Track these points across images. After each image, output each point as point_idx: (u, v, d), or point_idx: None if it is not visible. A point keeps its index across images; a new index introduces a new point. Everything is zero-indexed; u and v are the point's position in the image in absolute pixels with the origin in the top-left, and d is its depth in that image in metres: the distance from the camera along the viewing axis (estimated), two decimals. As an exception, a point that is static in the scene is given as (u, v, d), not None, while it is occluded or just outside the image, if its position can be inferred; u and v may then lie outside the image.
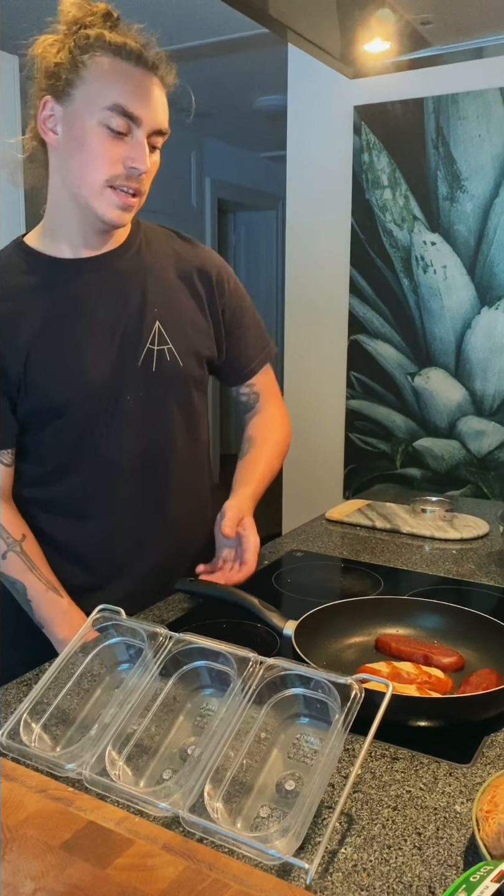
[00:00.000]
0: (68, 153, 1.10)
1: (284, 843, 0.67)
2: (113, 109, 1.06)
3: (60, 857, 0.64)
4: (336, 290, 3.05)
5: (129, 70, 1.07)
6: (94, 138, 1.07)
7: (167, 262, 1.27)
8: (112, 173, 1.09)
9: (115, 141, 1.08)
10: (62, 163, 1.12)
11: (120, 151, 1.08)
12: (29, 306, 1.15)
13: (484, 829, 0.66)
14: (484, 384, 2.84)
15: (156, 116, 1.10)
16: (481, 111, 2.66)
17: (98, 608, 0.91)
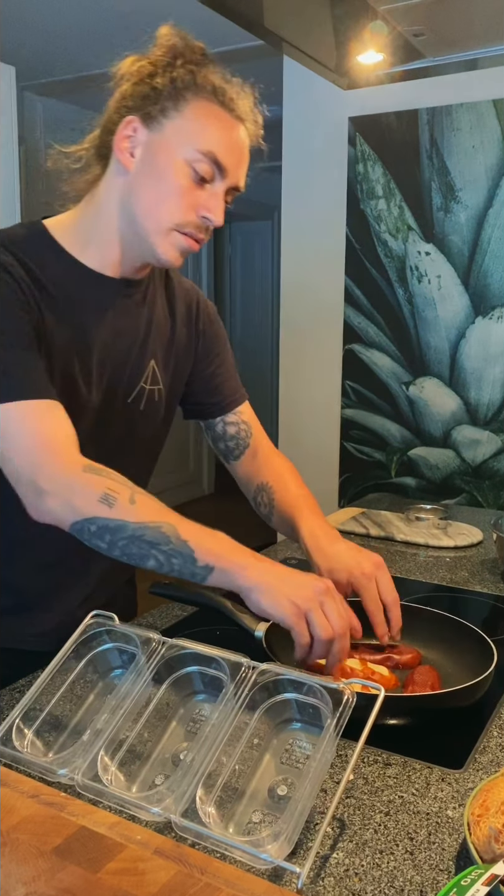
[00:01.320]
0: (141, 181, 1.04)
1: (276, 848, 0.67)
2: (205, 154, 1.02)
3: (52, 862, 0.64)
4: (331, 300, 3.07)
5: (228, 121, 1.04)
6: (177, 177, 1.02)
7: (160, 294, 1.22)
8: (186, 219, 1.04)
9: (196, 185, 1.03)
10: (130, 187, 1.05)
11: (198, 198, 1.03)
12: (48, 299, 1.04)
13: (475, 833, 0.66)
14: (478, 393, 2.85)
15: (240, 174, 1.07)
16: (475, 122, 2.68)
17: (91, 614, 0.91)
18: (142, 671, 0.83)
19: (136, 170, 1.04)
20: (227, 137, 1.04)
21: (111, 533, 0.91)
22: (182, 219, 1.03)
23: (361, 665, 1.00)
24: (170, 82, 1.02)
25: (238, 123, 1.05)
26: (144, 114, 1.03)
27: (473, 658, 1.01)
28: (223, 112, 1.03)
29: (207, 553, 0.91)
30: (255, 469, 1.30)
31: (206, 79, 1.03)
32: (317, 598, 0.90)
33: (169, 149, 1.02)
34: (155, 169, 1.03)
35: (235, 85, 1.06)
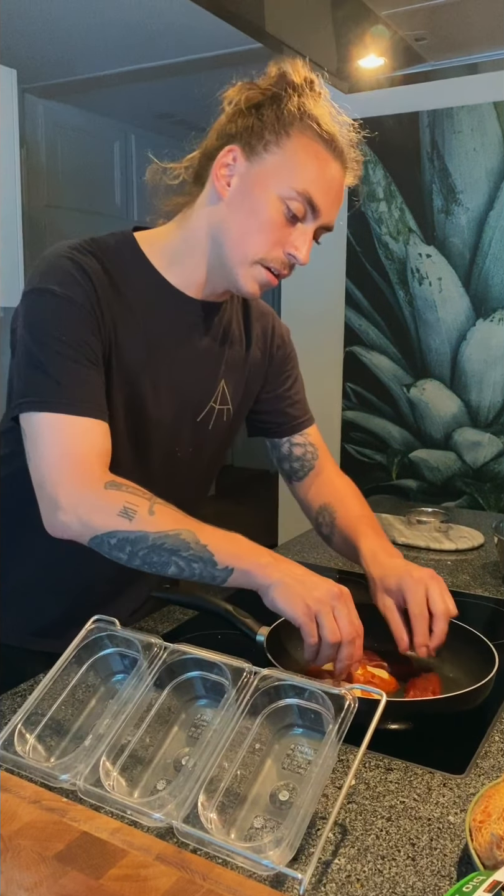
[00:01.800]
0: (234, 210, 1.05)
1: (278, 854, 0.67)
2: (301, 194, 1.01)
3: (54, 868, 0.64)
4: (332, 302, 3.07)
5: (328, 160, 1.02)
6: (268, 211, 1.02)
7: (237, 315, 1.22)
8: (271, 254, 1.04)
9: (287, 223, 1.03)
10: (222, 215, 1.06)
11: (287, 235, 1.04)
12: (132, 315, 1.06)
13: (477, 839, 0.66)
14: (479, 395, 2.85)
15: (332, 215, 1.07)
16: (476, 125, 2.69)
17: (93, 619, 0.91)
18: (143, 676, 0.83)
19: (230, 198, 1.04)
20: (325, 178, 1.03)
21: (131, 544, 0.93)
22: (268, 254, 1.04)
23: (361, 669, 1.00)
24: (275, 116, 1.01)
25: (338, 164, 1.04)
26: (246, 144, 1.02)
27: (475, 662, 1.01)
28: (325, 151, 1.02)
29: (227, 556, 0.93)
30: (316, 490, 1.30)
31: (312, 115, 1.01)
32: (329, 601, 0.92)
33: (266, 183, 1.02)
34: (249, 201, 1.03)
35: (340, 123, 1.04)
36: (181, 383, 1.12)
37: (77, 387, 0.98)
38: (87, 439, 0.98)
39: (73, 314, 0.99)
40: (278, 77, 1.03)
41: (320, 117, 1.02)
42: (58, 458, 0.96)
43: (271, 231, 1.03)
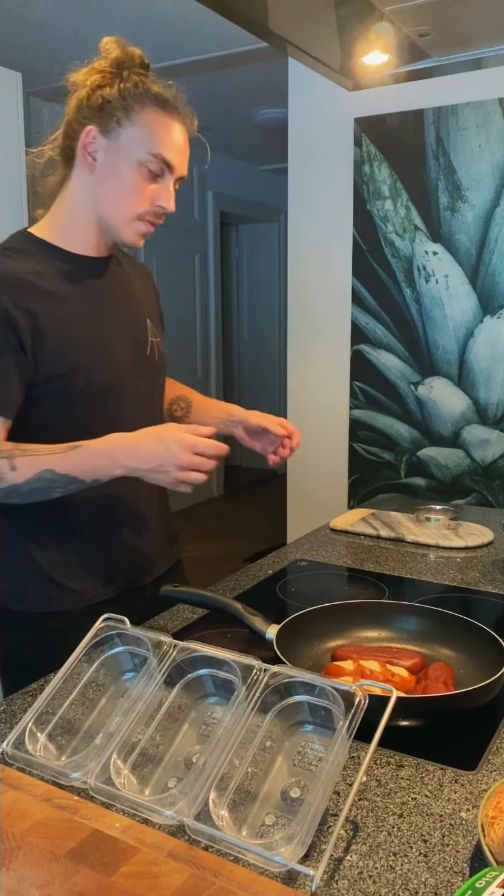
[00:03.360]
0: (103, 180, 1.23)
1: (289, 851, 0.66)
2: (155, 156, 1.21)
3: (66, 866, 0.64)
4: (338, 301, 3.07)
5: (170, 123, 1.22)
6: (132, 176, 1.22)
7: (133, 267, 1.44)
8: (143, 209, 1.24)
9: (149, 181, 1.23)
10: (94, 187, 1.24)
11: (152, 191, 1.23)
12: (45, 288, 1.21)
13: (489, 834, 0.66)
14: (487, 393, 2.84)
15: (184, 166, 1.26)
16: (481, 121, 2.68)
17: (103, 617, 0.91)
18: (153, 674, 0.84)
19: (98, 171, 1.23)
20: (172, 139, 1.23)
21: (14, 494, 1.14)
22: (141, 209, 1.24)
23: (381, 667, 0.99)
24: (118, 94, 1.20)
25: (179, 124, 1.24)
26: (101, 123, 1.21)
27: (485, 659, 1.00)
28: (166, 117, 1.22)
29: (87, 473, 1.14)
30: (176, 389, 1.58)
31: (148, 88, 1.21)
32: (180, 468, 1.14)
33: (125, 153, 1.21)
34: (114, 170, 1.22)
35: (171, 89, 1.24)
36: (124, 325, 1.32)
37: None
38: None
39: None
40: (112, 59, 1.22)
41: (154, 89, 1.21)
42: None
43: (139, 191, 1.23)
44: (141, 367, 1.34)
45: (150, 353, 1.37)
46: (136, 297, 1.38)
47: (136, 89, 1.20)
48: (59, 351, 1.20)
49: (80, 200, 1.26)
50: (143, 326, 1.37)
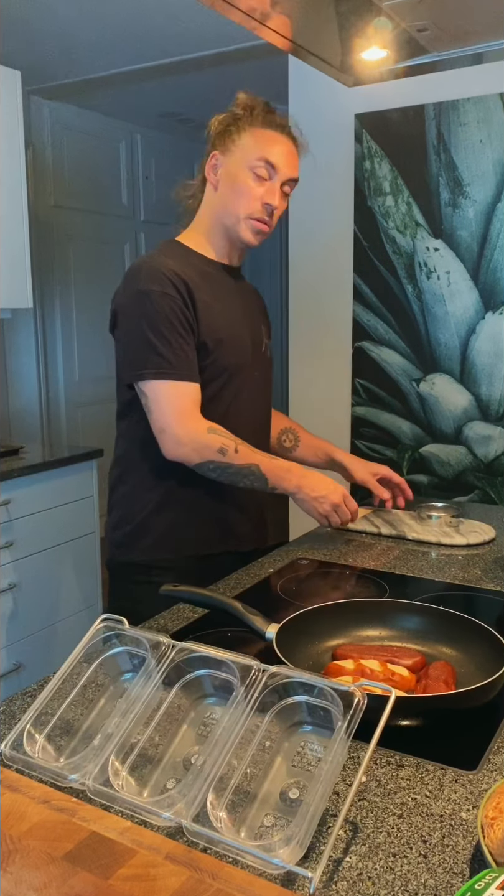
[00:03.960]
0: (223, 190, 1.50)
1: (288, 852, 0.66)
2: (260, 160, 1.46)
3: (63, 868, 0.63)
4: (340, 298, 3.06)
5: (274, 135, 1.49)
6: (243, 179, 1.48)
7: (248, 286, 1.70)
8: (252, 208, 1.49)
9: (258, 183, 1.47)
10: (217, 199, 1.52)
11: (260, 192, 1.48)
12: (196, 280, 1.48)
13: (489, 835, 0.65)
14: (490, 389, 2.84)
15: (289, 168, 1.49)
16: (482, 117, 2.67)
17: (101, 618, 0.91)
18: (152, 675, 0.83)
19: (220, 185, 1.51)
20: (276, 145, 1.48)
21: (222, 470, 1.46)
22: (250, 208, 1.49)
23: (381, 666, 0.99)
24: (238, 126, 1.49)
25: (284, 136, 1.50)
26: (221, 146, 1.50)
27: (486, 657, 1.00)
28: (271, 131, 1.49)
29: (275, 480, 1.49)
30: (274, 422, 1.81)
31: (256, 117, 1.49)
32: (334, 505, 1.53)
33: (237, 162, 1.48)
34: (230, 179, 1.49)
35: (280, 120, 1.52)
36: (247, 325, 1.59)
37: (181, 360, 1.43)
38: (190, 397, 1.44)
39: (172, 306, 1.43)
40: (243, 105, 1.49)
41: (263, 118, 1.49)
42: (174, 411, 1.43)
43: (248, 192, 1.48)
44: (258, 359, 1.61)
45: (264, 351, 1.65)
46: (252, 304, 1.66)
47: (251, 117, 1.48)
48: (209, 329, 1.47)
49: (210, 215, 1.54)
50: (259, 327, 1.65)
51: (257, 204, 1.48)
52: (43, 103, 4.31)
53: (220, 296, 1.53)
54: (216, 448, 1.43)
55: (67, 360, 4.67)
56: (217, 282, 1.54)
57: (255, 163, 1.45)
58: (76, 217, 4.65)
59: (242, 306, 1.60)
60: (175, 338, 1.42)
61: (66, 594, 2.83)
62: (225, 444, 1.43)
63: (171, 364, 1.42)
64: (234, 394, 1.55)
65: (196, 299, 1.46)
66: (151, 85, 4.10)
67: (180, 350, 1.43)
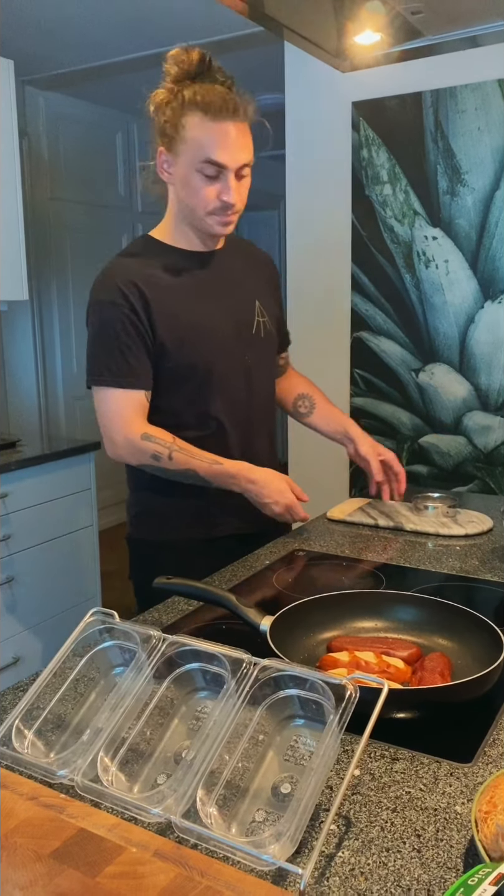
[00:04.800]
0: (178, 189, 1.47)
1: (278, 848, 0.65)
2: (205, 161, 1.39)
3: (50, 866, 0.62)
4: (338, 288, 3.04)
5: (215, 126, 1.37)
6: (193, 181, 1.42)
7: (249, 257, 1.67)
8: (210, 207, 1.44)
9: (209, 182, 1.41)
10: (176, 195, 1.50)
11: (214, 189, 1.42)
12: (155, 280, 1.47)
13: (482, 830, 0.64)
14: (489, 379, 2.82)
15: (238, 158, 1.41)
16: (480, 104, 2.64)
17: (91, 612, 0.90)
18: (142, 668, 0.82)
19: (175, 183, 1.47)
20: (220, 139, 1.37)
21: (161, 472, 1.49)
22: (208, 208, 1.44)
23: (377, 658, 0.98)
24: (171, 113, 1.39)
25: (231, 120, 1.37)
26: (166, 143, 1.43)
27: (483, 648, 0.99)
28: (211, 121, 1.37)
29: (219, 482, 1.48)
30: (290, 386, 1.84)
31: (194, 97, 1.36)
32: (284, 506, 1.49)
33: (184, 164, 1.42)
34: (181, 179, 1.45)
35: (219, 92, 1.37)
36: (228, 305, 1.56)
37: (121, 368, 1.46)
38: (130, 404, 1.48)
39: (118, 315, 1.45)
40: (172, 75, 1.39)
41: (201, 97, 1.36)
42: (113, 417, 1.48)
43: (201, 192, 1.43)
44: (245, 344, 1.57)
45: (256, 331, 1.60)
46: (243, 282, 1.61)
47: (181, 104, 1.37)
48: (168, 330, 1.46)
49: (174, 208, 1.52)
50: (250, 307, 1.60)
51: (215, 202, 1.43)
52: (38, 93, 4.27)
53: (188, 290, 1.51)
54: (149, 454, 1.47)
55: (65, 353, 4.66)
56: (187, 275, 1.52)
57: (200, 164, 1.39)
58: (73, 209, 4.63)
59: (218, 291, 1.55)
60: (120, 347, 1.45)
61: (65, 587, 2.82)
62: (158, 451, 1.46)
63: (112, 373, 1.46)
64: (218, 388, 1.53)
65: (150, 302, 1.45)
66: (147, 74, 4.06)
67: (122, 359, 1.46)
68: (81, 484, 2.87)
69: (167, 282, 1.48)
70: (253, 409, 1.61)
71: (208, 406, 1.53)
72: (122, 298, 1.44)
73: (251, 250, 1.70)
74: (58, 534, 2.77)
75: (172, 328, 1.47)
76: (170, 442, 1.46)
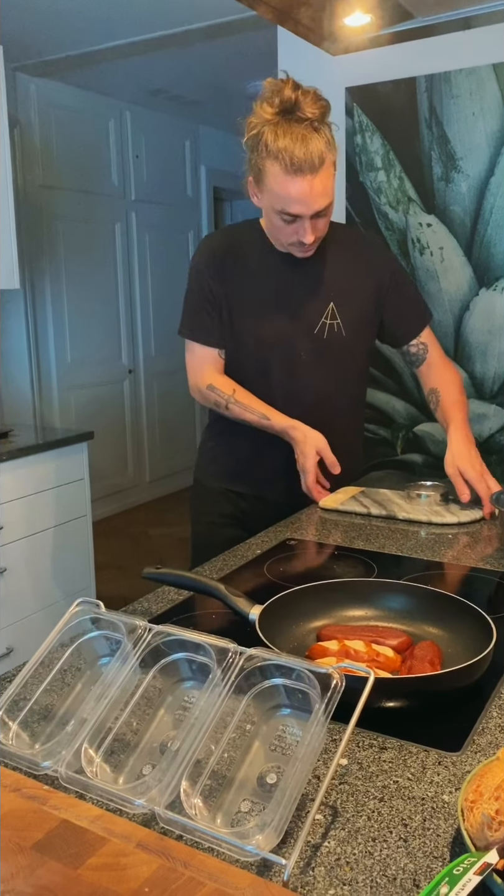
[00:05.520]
0: (265, 215, 1.62)
1: (263, 839, 0.64)
2: (282, 211, 1.51)
3: (31, 858, 0.62)
4: (332, 276, 3.02)
5: (293, 183, 1.46)
6: (274, 220, 1.56)
7: (350, 257, 1.73)
8: (288, 242, 1.59)
9: (287, 223, 1.54)
10: (264, 216, 1.64)
11: (293, 229, 1.55)
12: (240, 263, 1.68)
13: (468, 819, 0.64)
14: (484, 367, 2.81)
15: (315, 207, 1.50)
16: (474, 88, 2.62)
17: (77, 602, 0.89)
18: (127, 658, 0.81)
19: (261, 207, 1.60)
20: (293, 194, 1.48)
21: (220, 413, 1.75)
22: (287, 242, 1.60)
23: (366, 647, 0.97)
24: (257, 155, 1.48)
25: (300, 176, 1.45)
26: (253, 177, 1.54)
27: (473, 637, 0.98)
28: (287, 177, 1.46)
29: (273, 425, 1.68)
30: (426, 377, 1.86)
31: (276, 146, 1.44)
32: (308, 464, 1.67)
33: (266, 201, 1.55)
34: (265, 210, 1.59)
35: (302, 138, 1.43)
36: (291, 305, 1.68)
37: (197, 327, 1.72)
38: (205, 357, 1.74)
39: (200, 280, 1.68)
40: (277, 107, 1.44)
41: (283, 146, 1.43)
42: (191, 366, 1.77)
43: (282, 230, 1.57)
44: (304, 341, 1.69)
45: (319, 332, 1.69)
46: (326, 284, 1.69)
47: (266, 149, 1.45)
48: (231, 317, 1.67)
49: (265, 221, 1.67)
50: (319, 310, 1.69)
51: (293, 238, 1.56)
52: (29, 80, 4.23)
53: (264, 280, 1.67)
54: (212, 402, 1.74)
55: (59, 342, 4.63)
56: (270, 267, 1.67)
57: (279, 210, 1.51)
58: (65, 197, 4.59)
59: (298, 297, 1.68)
60: (197, 308, 1.70)
61: (58, 577, 2.81)
62: (218, 401, 1.71)
63: (190, 328, 1.73)
64: (280, 374, 1.70)
65: (226, 285, 1.66)
66: (140, 60, 4.03)
67: (199, 319, 1.71)
68: (75, 474, 2.85)
69: (251, 270, 1.67)
70: (299, 403, 1.71)
71: (276, 390, 1.71)
72: (208, 268, 1.67)
73: (359, 250, 1.76)
74: (51, 524, 2.76)
75: (236, 320, 1.67)
76: (229, 394, 1.69)
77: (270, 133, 1.44)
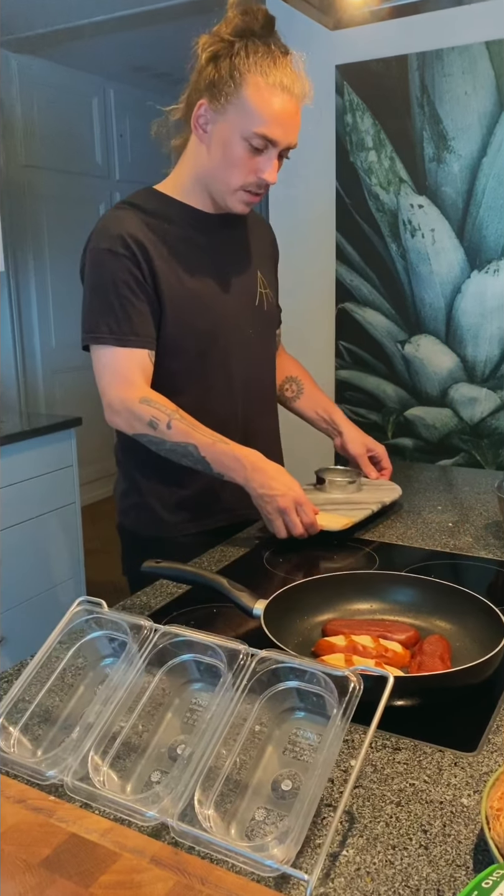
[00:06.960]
0: (212, 152, 1.33)
1: (282, 850, 0.62)
2: (257, 134, 1.27)
3: (40, 877, 0.59)
4: (322, 258, 2.98)
5: (274, 97, 1.26)
6: (237, 150, 1.30)
7: (253, 224, 1.56)
8: (247, 181, 1.33)
9: (252, 154, 1.30)
10: (204, 157, 1.35)
11: (255, 163, 1.31)
12: (170, 239, 1.37)
13: (495, 828, 0.61)
14: (475, 350, 2.78)
15: (290, 138, 1.31)
16: (467, 67, 2.57)
17: (78, 601, 0.86)
18: (133, 660, 0.78)
19: (208, 143, 1.33)
20: (276, 115, 1.27)
21: (156, 445, 1.34)
22: (243, 181, 1.33)
23: (374, 642, 0.95)
24: (227, 70, 1.25)
25: (288, 96, 1.27)
26: (211, 97, 1.27)
27: (482, 630, 0.96)
28: (274, 91, 1.25)
29: (218, 467, 1.33)
30: (280, 367, 1.69)
31: (260, 62, 1.24)
32: (292, 505, 1.32)
33: (231, 128, 1.28)
34: (220, 143, 1.31)
35: (283, 63, 1.26)
36: (230, 275, 1.45)
37: (122, 325, 1.33)
38: (133, 363, 1.34)
39: (119, 266, 1.32)
40: (233, 25, 1.24)
41: (269, 60, 1.24)
42: (112, 377, 1.35)
43: (242, 164, 1.31)
44: (250, 316, 1.48)
45: (259, 304, 1.51)
46: (250, 251, 1.51)
47: (248, 61, 1.24)
48: (169, 292, 1.35)
49: (195, 165, 1.37)
50: (253, 277, 1.50)
51: (252, 177, 1.32)
52: (10, 56, 4.13)
53: (195, 252, 1.40)
54: (146, 420, 1.32)
55: (43, 326, 4.56)
56: (196, 235, 1.40)
57: (251, 134, 1.27)
58: (49, 177, 4.50)
59: (225, 259, 1.45)
60: (120, 301, 1.32)
61: (48, 565, 2.78)
62: (156, 417, 1.31)
63: (111, 329, 1.33)
64: (218, 362, 1.43)
65: (153, 258, 1.33)
66: (123, 37, 3.93)
67: (122, 314, 1.33)
68: (63, 461, 2.81)
69: (173, 239, 1.37)
70: (254, 386, 1.52)
71: (207, 379, 1.43)
72: (124, 248, 1.32)
73: (253, 217, 1.57)
74: (39, 512, 2.72)
75: (175, 291, 1.36)
76: (171, 410, 1.32)
77: (252, 48, 1.24)
